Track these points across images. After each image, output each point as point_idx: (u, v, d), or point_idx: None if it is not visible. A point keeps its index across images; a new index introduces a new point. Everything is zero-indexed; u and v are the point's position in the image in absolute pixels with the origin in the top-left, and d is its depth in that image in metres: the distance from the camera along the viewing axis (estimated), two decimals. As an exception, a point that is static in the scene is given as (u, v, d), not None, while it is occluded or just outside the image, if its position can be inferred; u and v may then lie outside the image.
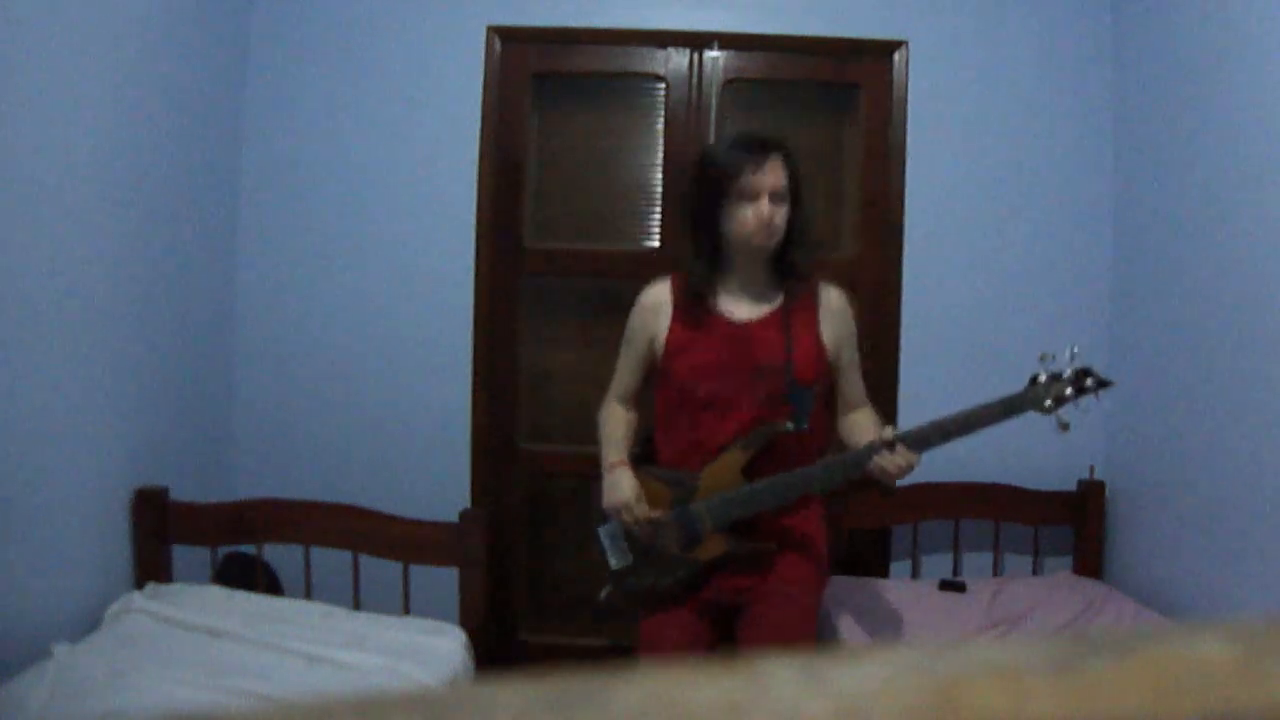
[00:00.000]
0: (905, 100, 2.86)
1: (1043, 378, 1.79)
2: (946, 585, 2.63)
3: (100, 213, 2.12)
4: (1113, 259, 2.84)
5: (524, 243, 2.92)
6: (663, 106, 2.91)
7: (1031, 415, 1.85)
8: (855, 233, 2.93)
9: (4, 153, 1.80)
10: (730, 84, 2.90)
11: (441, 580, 2.32)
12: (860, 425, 1.99)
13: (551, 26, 2.86)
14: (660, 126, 2.92)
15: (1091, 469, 2.79)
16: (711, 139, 2.88)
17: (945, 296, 2.87)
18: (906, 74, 2.86)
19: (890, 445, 1.79)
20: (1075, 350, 1.79)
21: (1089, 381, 1.77)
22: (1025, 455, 2.83)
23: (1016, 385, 2.91)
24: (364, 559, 2.30)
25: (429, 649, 2.05)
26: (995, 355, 2.87)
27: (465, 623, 2.21)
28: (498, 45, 2.87)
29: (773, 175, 1.83)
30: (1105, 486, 2.78)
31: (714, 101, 2.89)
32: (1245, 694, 0.24)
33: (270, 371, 2.86)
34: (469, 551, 2.22)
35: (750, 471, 1.87)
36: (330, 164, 2.87)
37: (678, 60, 2.89)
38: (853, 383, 2.03)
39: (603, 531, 1.99)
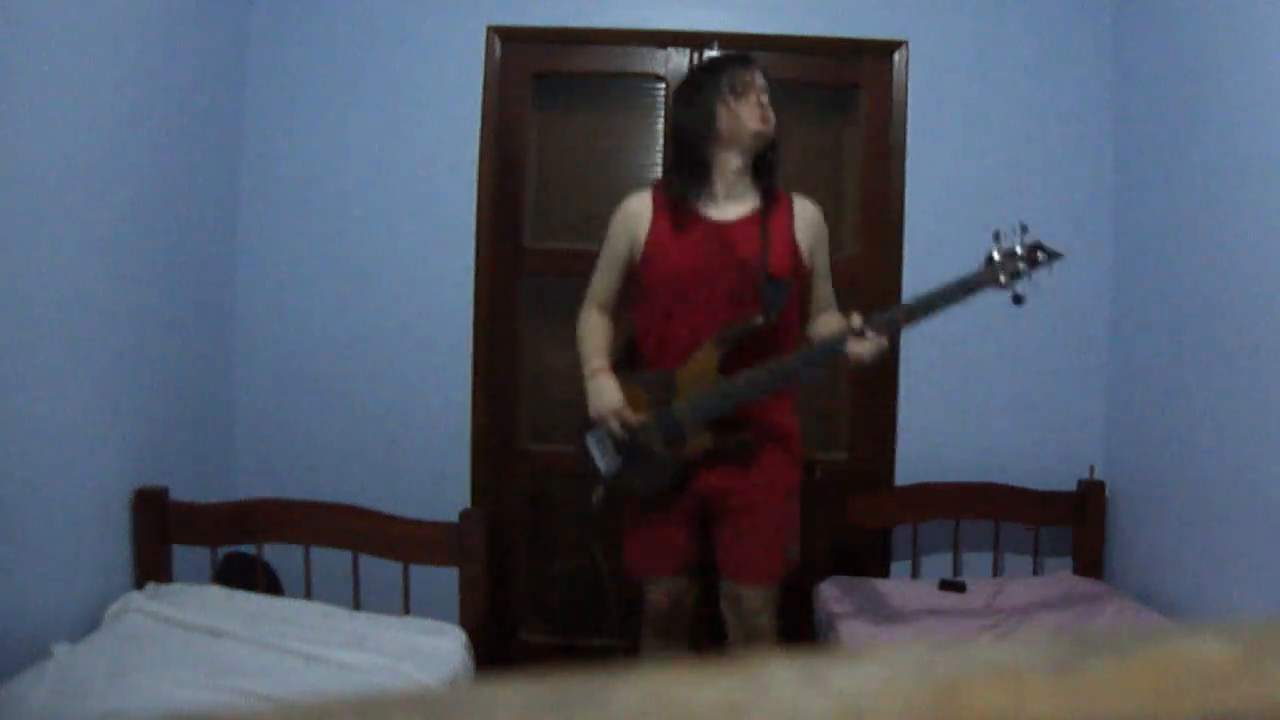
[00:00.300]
0: (905, 100, 2.86)
1: (997, 255, 1.90)
2: (946, 585, 2.63)
3: (100, 213, 2.12)
4: (1113, 258, 2.84)
5: (524, 243, 2.92)
6: (663, 106, 2.91)
7: (1031, 414, 1.88)
8: (855, 233, 2.93)
9: (4, 153, 1.80)
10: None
11: (441, 580, 2.32)
12: (827, 323, 2.09)
13: (551, 26, 2.86)
14: (660, 126, 2.92)
15: (1091, 469, 2.79)
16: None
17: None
18: (906, 74, 2.86)
19: (860, 333, 1.88)
20: (1025, 226, 1.92)
21: (1040, 255, 1.90)
22: (1025, 455, 2.84)
23: (1016, 387, 2.91)
24: (364, 559, 2.29)
25: (429, 649, 2.05)
26: (995, 355, 2.87)
27: (465, 623, 2.21)
28: (498, 45, 2.87)
29: (760, 78, 2.01)
30: (1105, 486, 2.78)
31: (714, 101, 2.88)
32: (1245, 694, 0.24)
33: (270, 371, 2.86)
34: (469, 551, 2.22)
35: (726, 367, 1.94)
36: (330, 164, 2.87)
37: (678, 60, 2.89)
38: (823, 289, 2.13)
39: (590, 437, 2.05)
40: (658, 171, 2.92)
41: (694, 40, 2.87)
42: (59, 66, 1.95)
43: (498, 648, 2.78)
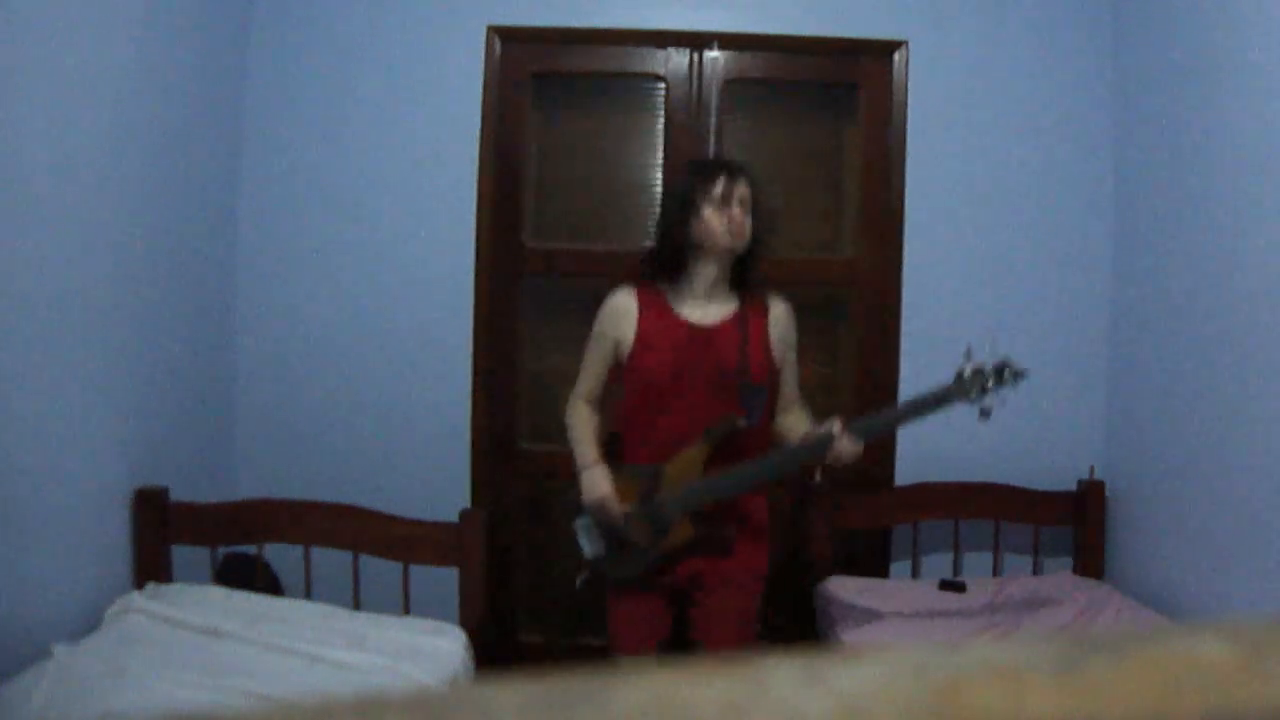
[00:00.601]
0: (905, 100, 2.86)
1: (967, 372, 2.00)
2: (946, 585, 2.63)
3: (100, 213, 2.12)
4: (1113, 258, 2.84)
5: (524, 243, 2.92)
6: (663, 106, 2.91)
7: (1031, 414, 1.92)
8: (855, 233, 2.93)
9: (4, 153, 1.80)
10: (730, 84, 2.90)
11: (441, 580, 2.32)
12: (796, 423, 2.19)
13: (551, 26, 2.86)
14: (660, 126, 2.92)
15: (1091, 469, 2.79)
16: (711, 139, 2.89)
17: (945, 296, 2.87)
18: (906, 74, 2.86)
19: (839, 438, 2.00)
20: (995, 342, 2.03)
21: (1006, 373, 1.99)
22: (1025, 455, 2.84)
23: (1016, 388, 2.92)
24: (364, 559, 2.30)
25: (429, 649, 2.05)
26: (995, 355, 2.87)
27: (465, 623, 2.21)
28: (498, 45, 2.87)
29: (742, 188, 2.04)
30: (1105, 486, 2.78)
31: (714, 101, 2.89)
32: (1245, 694, 0.24)
33: (270, 371, 2.86)
34: (469, 551, 2.23)
35: (709, 465, 2.05)
36: (330, 164, 2.87)
37: (678, 60, 2.89)
38: (790, 384, 2.21)
39: (578, 524, 2.13)
40: (657, 172, 2.92)
41: (694, 40, 2.87)
42: (59, 66, 1.95)
43: (498, 648, 2.78)
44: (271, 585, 2.54)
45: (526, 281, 2.92)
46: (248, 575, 2.37)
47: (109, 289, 2.16)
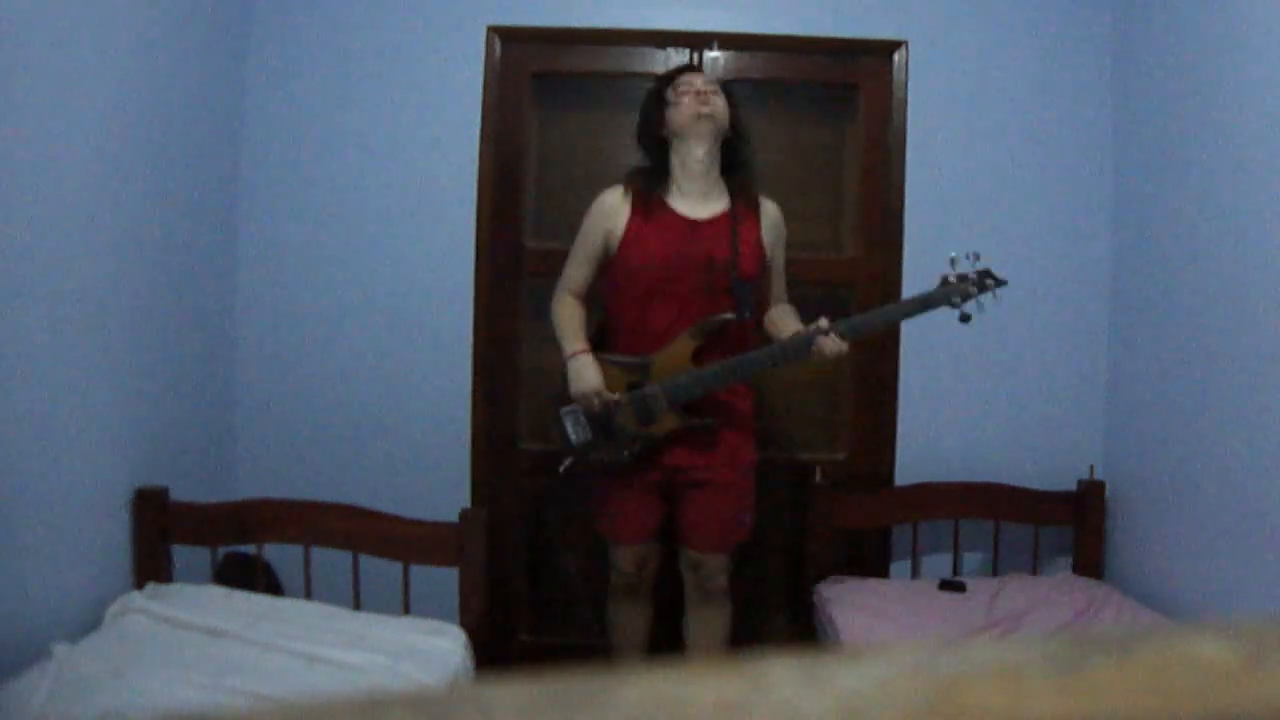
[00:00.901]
0: (905, 100, 2.86)
1: (952, 278, 2.14)
2: (946, 585, 2.63)
3: (100, 213, 2.12)
4: (1113, 259, 2.84)
5: (524, 243, 2.92)
6: (663, 106, 2.91)
7: (1031, 414, 1.95)
8: (855, 233, 2.93)
9: (3, 153, 1.80)
10: (730, 84, 2.90)
11: (441, 580, 2.32)
12: (784, 317, 2.26)
13: (551, 26, 2.86)
14: (660, 127, 2.92)
15: (1091, 469, 2.79)
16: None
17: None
18: (906, 74, 2.86)
19: (826, 333, 2.08)
20: (977, 254, 2.17)
21: (989, 280, 2.13)
22: (1025, 455, 2.84)
23: (1016, 387, 2.92)
24: (364, 559, 2.29)
25: (429, 649, 2.05)
26: (995, 356, 2.87)
27: (465, 623, 2.21)
28: (498, 45, 2.87)
29: (703, 79, 2.19)
30: (1105, 486, 2.78)
31: (714, 101, 2.88)
32: (1245, 694, 0.24)
33: (270, 371, 2.86)
34: (469, 551, 2.23)
35: (697, 357, 2.13)
36: (330, 164, 2.87)
37: (678, 60, 2.89)
38: (778, 283, 2.31)
39: (564, 411, 2.21)
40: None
41: (694, 40, 2.87)
42: (58, 67, 1.95)
43: (498, 648, 2.78)
44: (271, 585, 2.54)
45: (526, 281, 2.92)
46: (248, 575, 2.37)
47: (109, 289, 2.16)
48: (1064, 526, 2.79)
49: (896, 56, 2.87)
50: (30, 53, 1.86)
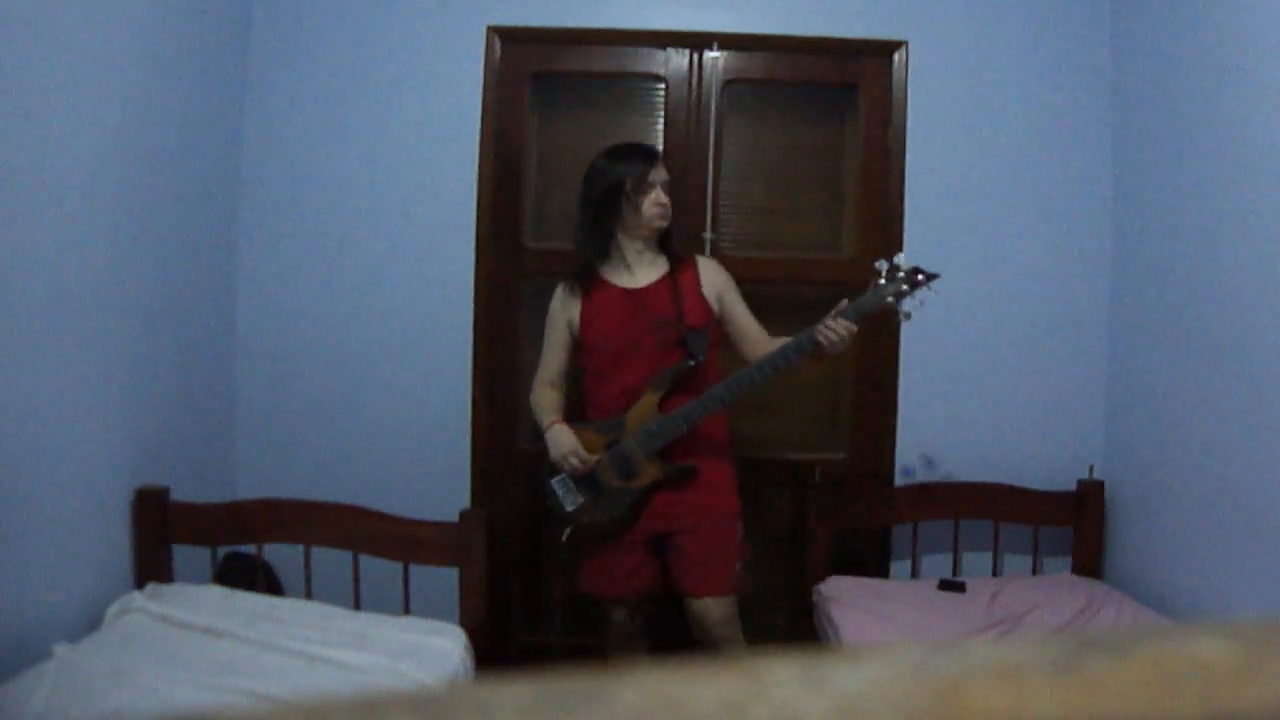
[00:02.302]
0: (905, 100, 2.86)
1: (881, 280, 2.17)
2: (946, 585, 2.63)
3: (100, 213, 2.12)
4: (1112, 259, 2.84)
5: (524, 243, 2.91)
6: (663, 106, 2.91)
7: (1031, 414, 1.95)
8: (855, 233, 2.93)
9: (3, 153, 1.80)
10: (730, 84, 2.90)
11: (441, 580, 2.32)
12: (772, 341, 2.32)
13: (551, 26, 2.86)
14: (660, 127, 2.92)
15: (1091, 469, 2.79)
16: (711, 139, 2.89)
17: (945, 296, 2.87)
18: (906, 74, 2.86)
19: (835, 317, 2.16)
20: (904, 254, 2.24)
21: (920, 276, 2.16)
22: (1025, 455, 2.84)
23: (1016, 387, 2.92)
24: (364, 559, 2.29)
25: (429, 649, 2.05)
26: (995, 355, 2.87)
27: (465, 623, 2.21)
28: (498, 45, 2.87)
29: (662, 172, 2.32)
30: (1105, 486, 2.78)
31: (714, 102, 2.89)
32: (1245, 694, 0.24)
33: (270, 371, 2.86)
34: (469, 551, 2.22)
35: (665, 406, 2.28)
36: (330, 164, 2.87)
37: (678, 60, 2.89)
38: (748, 322, 2.39)
39: (554, 482, 2.35)
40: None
41: (694, 40, 2.87)
42: (59, 67, 1.95)
43: (498, 648, 2.78)
44: (271, 585, 2.54)
45: (526, 282, 2.92)
46: (248, 575, 2.37)
47: (109, 289, 2.16)
48: (1064, 526, 2.79)
49: (896, 56, 2.87)
50: (30, 53, 1.86)
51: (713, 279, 2.38)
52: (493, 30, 2.86)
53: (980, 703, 0.23)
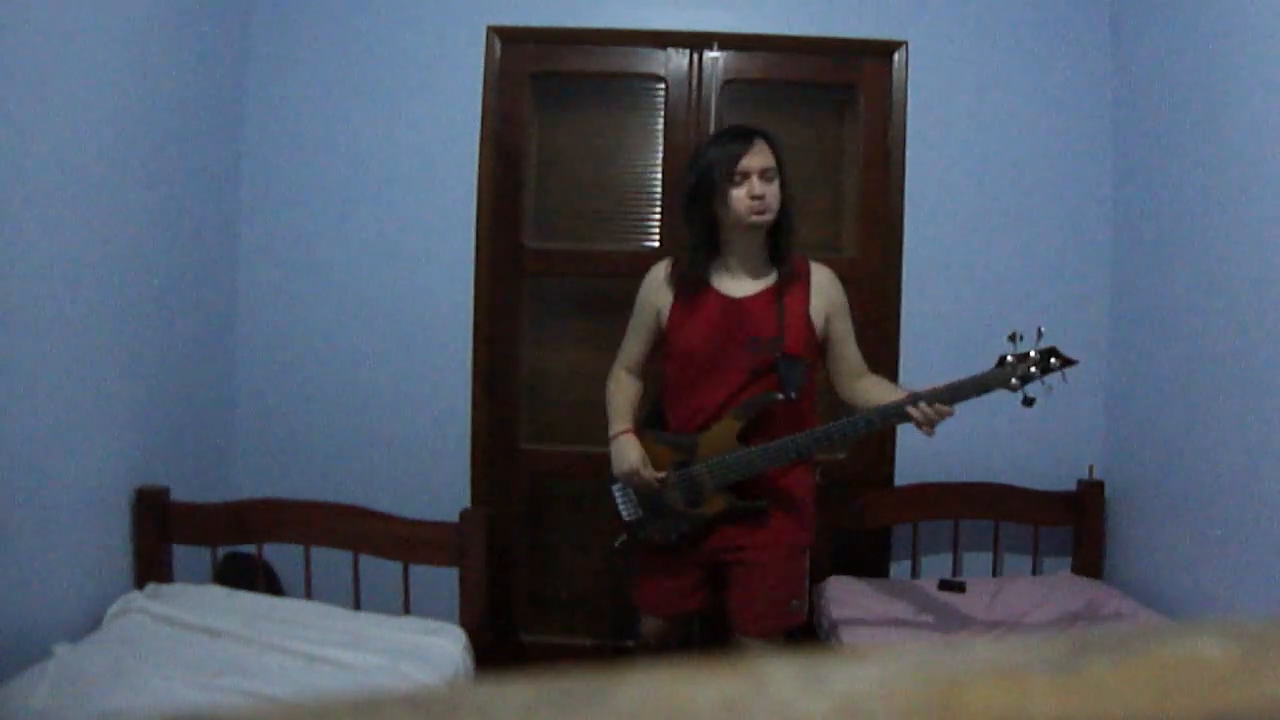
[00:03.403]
0: (905, 100, 2.86)
1: (1010, 357, 1.95)
2: (946, 585, 2.63)
3: (100, 214, 2.12)
4: (1112, 259, 2.84)
5: (524, 243, 2.92)
6: (663, 106, 2.91)
7: (1031, 414, 1.94)
8: (855, 233, 2.93)
9: (3, 153, 1.80)
10: (730, 84, 2.90)
11: (441, 580, 2.32)
12: (877, 386, 2.12)
13: (551, 26, 2.86)
14: (660, 126, 2.92)
15: (1091, 469, 2.79)
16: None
17: (945, 296, 2.87)
18: (906, 74, 2.86)
19: (916, 402, 1.94)
20: (1042, 330, 1.94)
21: (1053, 360, 1.93)
22: (1025, 455, 2.84)
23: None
24: (364, 559, 2.29)
25: (429, 649, 2.05)
26: (995, 355, 2.87)
27: (465, 623, 2.21)
28: (498, 45, 2.87)
29: (760, 156, 2.01)
30: (1105, 486, 2.78)
31: (713, 102, 2.89)
32: (1245, 694, 0.24)
33: (270, 371, 2.86)
34: (469, 551, 2.22)
35: (745, 437, 2.06)
36: (330, 164, 2.87)
37: (678, 60, 2.89)
38: (850, 351, 2.17)
39: (615, 487, 2.18)
40: (657, 172, 2.92)
41: (694, 40, 2.87)
42: (59, 68, 1.95)
43: (498, 648, 2.78)
44: (271, 585, 2.54)
45: (526, 281, 2.92)
46: (248, 575, 2.37)
47: (109, 290, 2.16)
48: (1064, 526, 2.79)
49: (896, 56, 2.87)
50: (30, 54, 1.86)
51: (825, 297, 2.12)
52: (493, 30, 2.86)
53: (980, 703, 0.23)
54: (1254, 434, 2.13)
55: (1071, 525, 2.78)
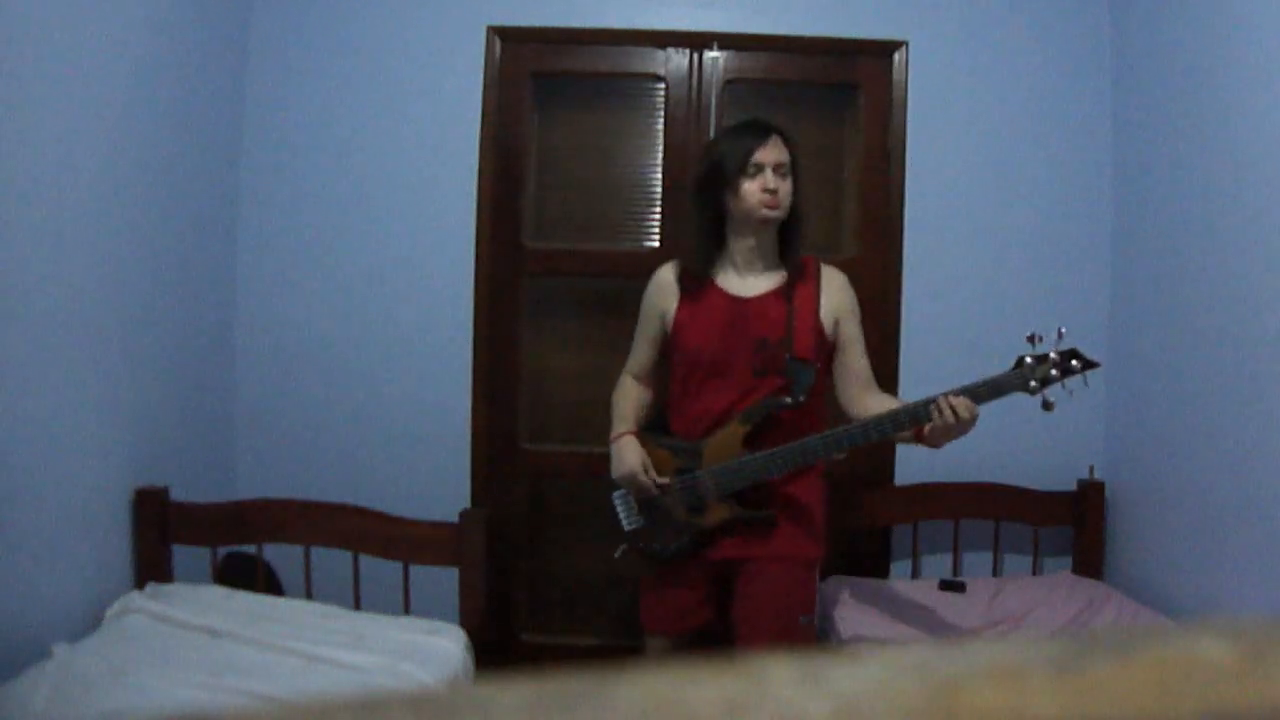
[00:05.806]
0: (905, 100, 2.86)
1: (1029, 359, 1.86)
2: (946, 585, 2.63)
3: (101, 214, 2.12)
4: (1112, 258, 2.84)
5: (524, 243, 2.91)
6: (663, 106, 2.91)
7: (1031, 414, 1.91)
8: (855, 233, 2.93)
9: (3, 153, 1.80)
10: (730, 84, 2.90)
11: (441, 580, 2.32)
12: (878, 403, 2.04)
13: (551, 26, 2.86)
14: (660, 126, 2.92)
15: (1091, 469, 2.79)
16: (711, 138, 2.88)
17: (945, 296, 2.87)
18: (906, 74, 2.86)
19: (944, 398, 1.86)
20: (1063, 331, 1.85)
21: (1074, 363, 1.84)
22: (1025, 455, 2.83)
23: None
24: (364, 559, 2.29)
25: (429, 649, 2.05)
26: (995, 355, 2.87)
27: (465, 623, 2.21)
28: (498, 45, 2.87)
29: (776, 151, 1.96)
30: (1105, 486, 2.78)
31: (714, 102, 2.89)
32: (1245, 694, 0.24)
33: (270, 371, 2.86)
34: (469, 551, 2.22)
35: (751, 442, 1.96)
36: (330, 164, 2.87)
37: (678, 60, 2.89)
38: (859, 361, 2.08)
39: (615, 496, 2.12)
40: (657, 172, 2.92)
41: (694, 40, 2.87)
42: (60, 68, 1.95)
43: (498, 648, 2.78)
44: (271, 585, 2.54)
45: (526, 281, 2.92)
46: (248, 575, 2.37)
47: (109, 289, 2.16)
48: (1064, 526, 2.79)
49: (896, 56, 2.87)
50: (31, 56, 1.86)
51: (835, 298, 2.04)
52: (493, 30, 2.86)
53: (980, 703, 0.23)
54: (1255, 433, 2.13)
55: (1071, 525, 2.78)
